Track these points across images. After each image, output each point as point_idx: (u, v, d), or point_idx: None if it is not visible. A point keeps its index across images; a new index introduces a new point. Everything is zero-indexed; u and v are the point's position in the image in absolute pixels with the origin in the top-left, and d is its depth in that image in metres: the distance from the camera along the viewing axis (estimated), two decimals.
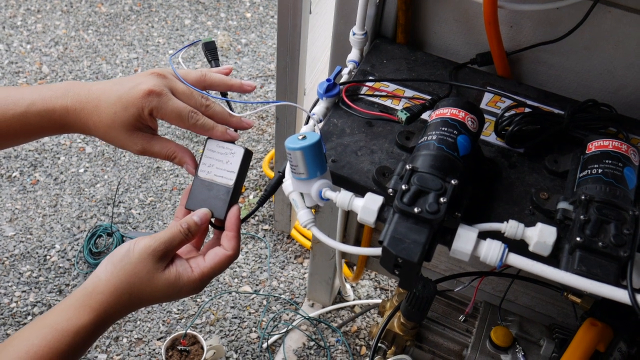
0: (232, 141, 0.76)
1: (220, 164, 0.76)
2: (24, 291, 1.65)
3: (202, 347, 1.48)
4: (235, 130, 0.77)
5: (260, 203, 0.77)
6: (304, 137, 0.64)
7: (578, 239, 0.60)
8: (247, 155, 0.76)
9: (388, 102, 0.85)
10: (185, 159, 0.76)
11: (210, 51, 0.84)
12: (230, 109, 0.79)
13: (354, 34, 0.90)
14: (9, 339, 0.62)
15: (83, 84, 0.73)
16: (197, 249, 0.75)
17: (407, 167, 0.64)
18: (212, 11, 2.52)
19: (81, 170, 1.94)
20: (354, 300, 1.69)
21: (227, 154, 0.76)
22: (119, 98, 0.70)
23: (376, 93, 0.86)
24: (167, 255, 0.66)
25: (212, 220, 0.74)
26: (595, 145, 0.70)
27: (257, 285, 1.71)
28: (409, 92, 0.87)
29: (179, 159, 0.76)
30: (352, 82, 0.87)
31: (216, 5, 2.55)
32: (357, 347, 1.61)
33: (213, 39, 0.85)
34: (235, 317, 1.64)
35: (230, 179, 0.75)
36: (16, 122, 0.70)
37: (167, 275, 0.66)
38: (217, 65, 0.84)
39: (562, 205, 0.66)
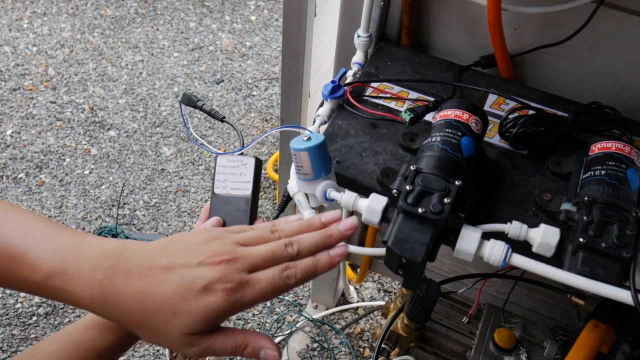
0: (342, 258, 0.59)
1: (234, 177, 0.77)
2: None
3: None
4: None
5: (280, 210, 0.79)
6: (309, 138, 0.65)
7: (581, 239, 0.61)
8: (259, 163, 0.78)
9: (392, 104, 0.86)
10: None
11: (189, 103, 0.84)
12: (242, 140, 0.79)
13: (358, 36, 0.91)
14: (32, 350, 0.61)
15: (121, 264, 0.53)
16: None
17: (411, 168, 0.64)
18: (216, 14, 2.54)
19: (86, 172, 1.95)
20: (357, 302, 1.69)
21: (239, 166, 0.78)
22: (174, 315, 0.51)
23: (380, 95, 0.86)
24: None
25: None
26: (598, 147, 0.71)
27: None
28: (413, 94, 0.87)
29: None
30: (357, 82, 0.87)
31: (221, 8, 2.56)
32: (361, 349, 1.61)
33: (184, 92, 0.84)
34: (239, 319, 1.64)
35: (247, 190, 0.76)
36: (26, 287, 0.54)
37: None
38: (202, 105, 0.81)
39: (566, 206, 0.66)
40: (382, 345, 1.08)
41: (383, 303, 1.62)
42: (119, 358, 0.65)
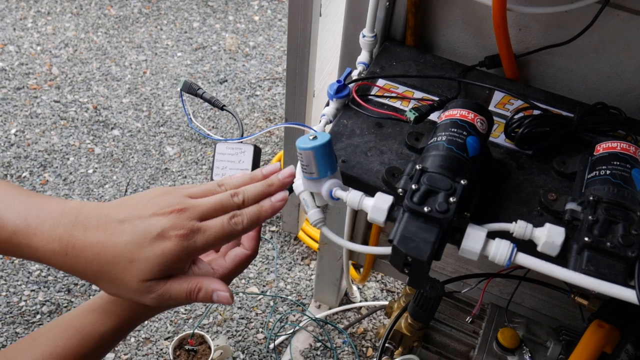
0: (284, 203, 0.64)
1: (232, 164, 0.77)
2: (33, 290, 1.66)
3: (209, 347, 1.49)
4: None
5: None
6: (315, 137, 0.65)
7: (586, 239, 0.61)
8: (257, 151, 0.78)
9: (397, 104, 0.86)
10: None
11: (189, 91, 0.85)
12: (242, 130, 0.80)
13: (363, 36, 0.91)
14: (32, 336, 0.62)
15: (79, 220, 0.56)
16: (217, 250, 0.75)
17: (417, 167, 0.65)
18: (220, 14, 2.54)
19: (90, 171, 1.95)
20: (360, 301, 1.69)
21: (238, 153, 0.77)
22: (131, 262, 0.55)
23: (386, 94, 0.87)
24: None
25: None
26: (603, 147, 0.71)
27: (264, 286, 1.72)
28: (418, 94, 0.87)
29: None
30: (363, 79, 0.88)
31: (224, 8, 2.57)
32: (364, 349, 1.62)
33: (184, 80, 0.86)
34: (242, 318, 1.65)
35: None
36: None
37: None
38: (203, 92, 0.83)
39: (571, 206, 0.67)
40: (386, 345, 1.08)
41: (386, 303, 1.62)
42: (119, 342, 0.66)
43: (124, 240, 0.55)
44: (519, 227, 0.64)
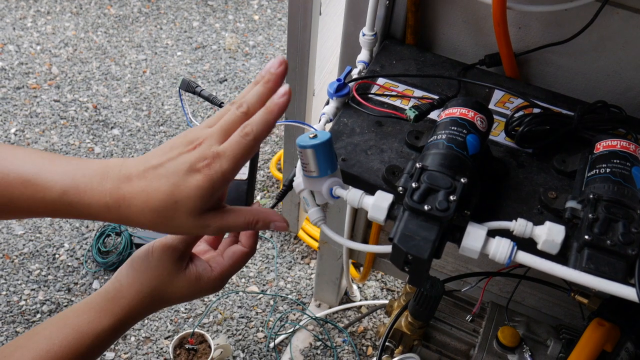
0: (288, 97, 0.62)
1: None
2: (33, 289, 1.67)
3: (209, 346, 1.49)
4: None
5: (279, 198, 0.78)
6: (315, 136, 0.65)
7: (586, 237, 0.61)
8: None
9: (397, 102, 0.86)
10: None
11: (188, 89, 0.85)
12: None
13: (363, 34, 0.91)
14: (29, 333, 0.62)
15: (123, 172, 0.59)
16: (214, 249, 0.75)
17: (417, 165, 0.65)
18: (220, 13, 2.54)
19: None
20: (360, 300, 1.69)
21: None
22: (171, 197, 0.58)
23: (386, 93, 0.87)
24: (186, 252, 0.66)
25: None
26: (603, 145, 0.71)
27: (264, 285, 1.72)
28: (418, 92, 0.87)
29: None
30: (364, 78, 0.88)
31: (224, 7, 2.57)
32: (364, 348, 1.62)
33: (182, 77, 0.85)
34: (243, 317, 1.65)
35: (243, 173, 0.76)
36: (43, 208, 0.60)
37: (188, 276, 0.66)
38: (201, 90, 0.83)
39: (571, 204, 0.67)
40: (386, 343, 1.08)
41: (386, 302, 1.62)
42: (116, 340, 0.66)
43: (162, 183, 0.57)
44: (519, 226, 0.64)
